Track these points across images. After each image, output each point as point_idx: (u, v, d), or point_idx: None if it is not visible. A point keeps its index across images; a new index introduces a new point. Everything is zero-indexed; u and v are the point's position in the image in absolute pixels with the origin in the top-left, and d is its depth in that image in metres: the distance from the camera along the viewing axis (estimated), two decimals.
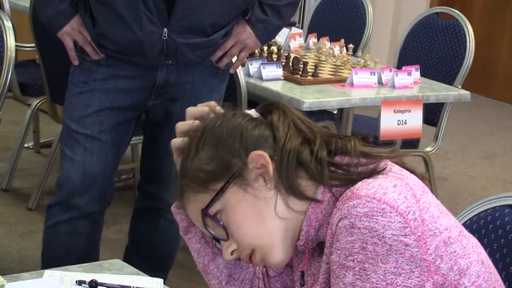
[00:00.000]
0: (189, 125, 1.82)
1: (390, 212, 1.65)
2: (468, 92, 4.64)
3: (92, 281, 2.08)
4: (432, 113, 4.78)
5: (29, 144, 5.77)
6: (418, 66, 4.57)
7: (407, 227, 1.65)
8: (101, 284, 2.11)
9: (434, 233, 1.69)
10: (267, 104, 1.82)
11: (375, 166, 1.75)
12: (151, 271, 2.28)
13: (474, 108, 7.04)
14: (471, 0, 8.21)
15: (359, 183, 1.70)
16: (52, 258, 3.34)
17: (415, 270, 1.67)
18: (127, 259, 3.22)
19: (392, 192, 1.67)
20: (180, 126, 1.83)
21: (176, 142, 1.83)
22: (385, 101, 4.19)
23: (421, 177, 1.81)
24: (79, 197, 3.36)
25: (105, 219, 3.57)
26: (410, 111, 4.19)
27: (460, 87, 4.80)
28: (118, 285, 2.15)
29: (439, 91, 4.56)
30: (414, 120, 4.21)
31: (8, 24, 3.81)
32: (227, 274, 1.92)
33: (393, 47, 6.55)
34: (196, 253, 1.93)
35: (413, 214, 1.66)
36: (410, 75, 4.47)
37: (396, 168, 1.78)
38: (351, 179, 1.73)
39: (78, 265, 2.31)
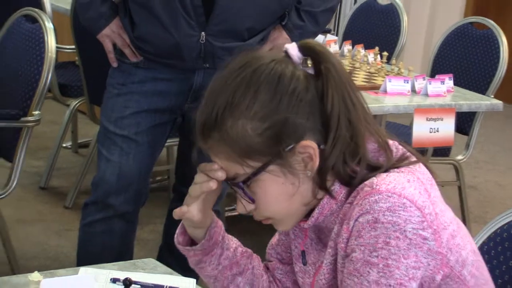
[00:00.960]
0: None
1: (410, 207, 1.66)
2: (500, 102, 4.62)
3: (126, 279, 2.09)
4: (464, 122, 4.76)
5: (67, 144, 5.80)
6: (451, 75, 4.56)
7: (424, 221, 1.67)
8: (135, 283, 2.12)
9: (444, 226, 1.72)
10: (311, 47, 1.74)
11: (392, 162, 1.75)
12: (184, 271, 2.28)
13: (506, 118, 7.01)
14: (505, 10, 8.17)
15: (374, 178, 1.70)
16: (87, 256, 3.36)
17: (431, 262, 1.69)
18: (160, 258, 3.23)
19: (409, 187, 1.69)
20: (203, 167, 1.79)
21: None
22: (418, 109, 4.18)
23: (428, 167, 1.80)
24: (114, 197, 3.38)
25: (139, 219, 3.58)
26: (442, 119, 4.17)
27: (492, 96, 4.77)
28: (152, 283, 2.16)
29: (471, 100, 4.53)
30: (446, 128, 4.20)
31: (49, 25, 3.83)
32: None
33: (426, 55, 6.52)
34: (213, 279, 1.91)
35: (428, 208, 1.68)
36: (443, 83, 4.45)
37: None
38: (366, 176, 1.72)
39: (113, 263, 2.33)
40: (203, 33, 3.21)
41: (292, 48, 1.73)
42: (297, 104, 1.69)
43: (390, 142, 1.79)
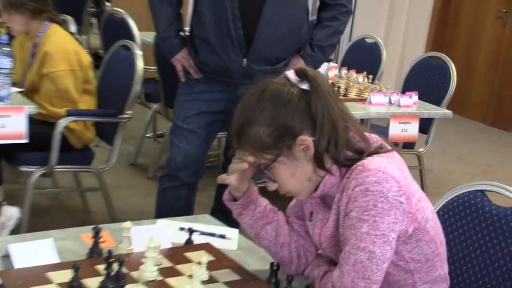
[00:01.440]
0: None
1: (391, 180, 1.70)
2: (450, 112, 4.62)
3: (190, 228, 2.10)
4: (425, 125, 4.74)
5: (149, 134, 5.80)
6: (416, 92, 4.54)
7: (401, 190, 1.70)
8: (196, 231, 2.13)
9: (413, 194, 1.76)
10: (303, 72, 1.78)
11: (374, 149, 1.80)
12: (230, 224, 2.29)
13: (454, 122, 6.96)
14: (454, 45, 8.11)
15: (364, 160, 1.75)
16: (162, 212, 3.38)
17: (405, 219, 1.72)
18: (213, 215, 3.23)
19: (389, 167, 1.73)
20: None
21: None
22: (393, 115, 4.19)
23: (399, 152, 1.84)
24: (181, 172, 3.38)
25: (198, 187, 3.59)
26: (410, 123, 4.19)
27: (445, 108, 4.76)
28: (207, 232, 2.17)
29: (430, 110, 4.53)
30: (412, 129, 4.21)
31: (139, 52, 3.85)
32: (273, 236, 1.95)
33: (399, 78, 6.48)
34: (249, 227, 1.95)
35: (402, 181, 1.72)
36: (411, 98, 4.44)
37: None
38: (358, 158, 1.77)
39: (180, 217, 2.34)
40: (244, 59, 3.20)
41: (290, 73, 1.78)
42: (292, 111, 1.73)
43: (372, 135, 1.85)
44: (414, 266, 1.82)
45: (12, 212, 3.67)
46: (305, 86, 1.76)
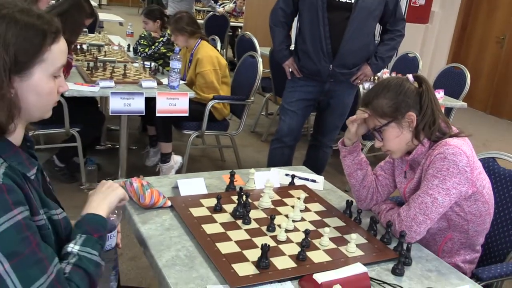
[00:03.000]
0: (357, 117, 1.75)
1: (463, 155, 1.59)
2: (465, 103, 4.32)
3: (292, 174, 2.04)
4: (447, 113, 4.45)
5: (263, 113, 5.75)
6: (443, 90, 4.28)
7: (468, 163, 1.59)
8: (296, 176, 2.07)
9: (476, 168, 1.63)
10: (419, 77, 1.71)
11: (455, 133, 1.68)
12: (317, 172, 2.23)
13: (469, 112, 6.56)
14: (466, 59, 7.65)
15: (447, 139, 1.65)
16: (272, 164, 3.35)
17: (466, 184, 1.61)
18: (305, 166, 3.19)
19: (463, 145, 1.62)
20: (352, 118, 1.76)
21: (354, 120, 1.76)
22: None
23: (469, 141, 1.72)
24: (286, 137, 3.33)
25: (296, 148, 3.52)
26: None
27: (462, 101, 4.46)
28: (303, 177, 2.10)
29: (451, 102, 4.26)
30: None
31: (259, 59, 3.80)
32: (361, 178, 1.84)
33: (430, 80, 6.16)
34: (347, 167, 1.85)
35: (471, 158, 1.61)
36: (439, 93, 4.17)
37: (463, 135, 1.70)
38: (442, 137, 1.66)
39: (285, 167, 2.28)
40: (331, 65, 3.10)
41: (409, 76, 1.71)
42: (408, 95, 1.65)
43: (453, 126, 1.73)
44: (470, 217, 1.70)
45: (178, 159, 3.76)
46: (416, 85, 1.70)
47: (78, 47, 4.13)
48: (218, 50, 3.93)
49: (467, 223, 1.71)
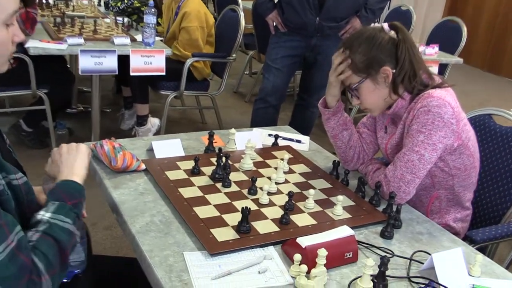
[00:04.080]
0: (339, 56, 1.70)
1: (448, 106, 1.58)
2: (461, 59, 4.31)
3: (276, 134, 2.01)
4: (442, 69, 4.45)
5: (247, 72, 5.70)
6: (438, 44, 4.27)
7: (453, 114, 1.58)
8: (280, 136, 2.05)
9: (462, 119, 1.63)
10: (395, 25, 1.66)
11: (437, 84, 1.66)
12: (302, 132, 2.21)
13: (463, 68, 6.57)
14: (463, 13, 7.61)
15: (429, 90, 1.64)
16: (255, 124, 3.34)
17: (452, 136, 1.60)
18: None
19: (448, 96, 1.60)
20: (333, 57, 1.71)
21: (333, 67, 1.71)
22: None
23: (453, 90, 1.70)
24: (270, 97, 3.33)
25: (280, 108, 3.51)
26: (432, 66, 3.91)
27: (457, 56, 4.44)
28: (288, 137, 2.08)
29: (446, 57, 4.25)
30: (433, 71, 3.95)
31: (241, 14, 3.73)
32: (347, 139, 1.82)
33: (424, 35, 6.11)
34: (331, 129, 1.82)
35: (456, 108, 1.60)
36: (433, 48, 4.17)
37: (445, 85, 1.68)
38: (424, 90, 1.64)
39: (268, 127, 2.26)
40: (317, 18, 3.06)
41: (385, 25, 1.67)
42: (382, 49, 1.62)
43: (435, 76, 1.71)
44: (455, 172, 1.69)
45: (155, 122, 3.74)
46: (394, 35, 1.65)
47: (44, 1, 4.01)
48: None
49: (452, 178, 1.71)
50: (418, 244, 1.47)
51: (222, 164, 1.68)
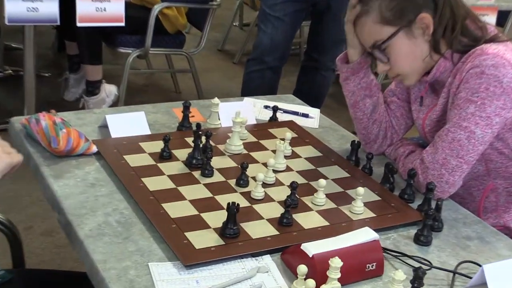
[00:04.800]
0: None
1: (508, 66, 1.59)
2: None
3: (274, 106, 2.03)
4: (502, 18, 4.44)
5: (236, 23, 5.70)
6: None
7: None
8: (280, 109, 2.06)
9: None
10: None
11: (491, 37, 1.67)
12: (311, 105, 2.22)
13: None
14: None
15: (483, 45, 1.64)
16: (248, 93, 3.34)
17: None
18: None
19: (507, 53, 1.61)
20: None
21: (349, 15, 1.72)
22: (473, 7, 3.93)
23: None
24: (267, 56, 3.33)
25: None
26: (488, 15, 3.96)
27: None
28: (291, 110, 2.10)
29: (509, 2, 4.26)
30: (489, 21, 3.93)
31: None
32: (370, 110, 1.83)
33: None
34: (351, 94, 1.83)
35: None
36: None
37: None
38: (474, 45, 1.65)
39: (264, 96, 2.27)
40: None
41: None
42: None
43: (488, 25, 1.72)
44: None
45: (111, 90, 3.74)
46: None
47: None
48: None
49: None
50: (464, 252, 1.48)
51: (201, 145, 1.68)
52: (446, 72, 1.69)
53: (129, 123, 1.82)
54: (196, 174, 1.64)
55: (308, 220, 1.50)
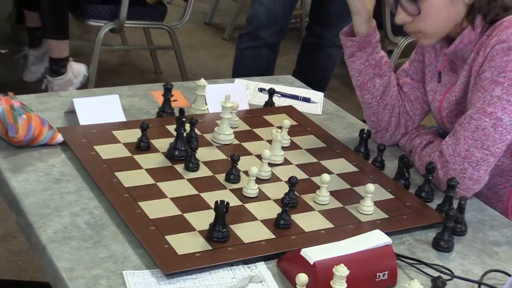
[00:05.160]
0: None
1: None
2: None
3: (270, 89, 2.03)
4: None
5: None
6: None
7: None
8: (277, 92, 2.06)
9: None
10: None
11: None
12: (313, 88, 2.23)
13: None
14: None
15: (511, 16, 1.65)
16: (240, 73, 3.34)
17: None
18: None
19: None
20: None
21: None
22: None
23: None
24: (264, 30, 3.33)
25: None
26: None
27: None
28: (290, 94, 2.10)
29: None
30: None
31: None
32: (380, 92, 1.83)
33: None
34: (358, 73, 1.84)
35: None
36: None
37: None
38: (500, 15, 1.66)
39: (260, 77, 2.28)
40: None
41: None
42: None
43: None
44: None
45: (79, 69, 3.71)
46: None
47: None
48: None
49: None
50: (491, 260, 1.49)
51: (185, 134, 1.69)
52: (470, 45, 1.69)
53: (100, 108, 1.82)
54: (179, 168, 1.64)
55: (309, 221, 1.50)
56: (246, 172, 1.61)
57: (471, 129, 1.64)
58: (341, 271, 1.23)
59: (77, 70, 3.71)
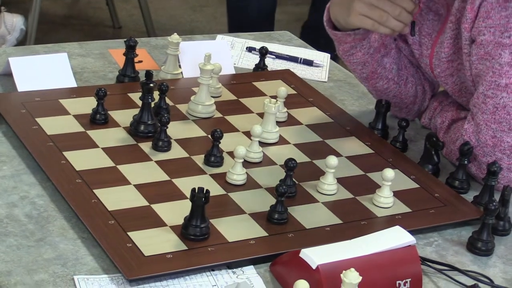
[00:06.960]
0: None
1: None
2: None
3: (262, 48, 2.02)
4: None
5: None
6: None
7: None
8: (271, 53, 2.07)
9: None
10: None
11: None
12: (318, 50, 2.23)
13: None
14: None
15: None
16: (232, 28, 3.37)
17: None
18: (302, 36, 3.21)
19: None
20: None
21: None
22: None
23: None
24: None
25: None
26: None
27: None
28: (287, 55, 2.11)
29: None
30: None
31: None
32: (395, 70, 1.85)
33: None
34: (361, 65, 1.85)
35: None
36: None
37: None
38: None
39: (249, 33, 2.28)
40: None
41: None
42: None
43: None
44: None
45: (15, 22, 3.71)
46: None
47: None
48: None
49: None
50: None
51: (153, 105, 1.70)
52: None
53: (44, 70, 1.83)
54: (146, 147, 1.65)
55: (310, 215, 1.52)
56: (230, 153, 1.62)
57: (489, 110, 1.65)
58: (351, 277, 1.23)
59: (11, 23, 3.70)
